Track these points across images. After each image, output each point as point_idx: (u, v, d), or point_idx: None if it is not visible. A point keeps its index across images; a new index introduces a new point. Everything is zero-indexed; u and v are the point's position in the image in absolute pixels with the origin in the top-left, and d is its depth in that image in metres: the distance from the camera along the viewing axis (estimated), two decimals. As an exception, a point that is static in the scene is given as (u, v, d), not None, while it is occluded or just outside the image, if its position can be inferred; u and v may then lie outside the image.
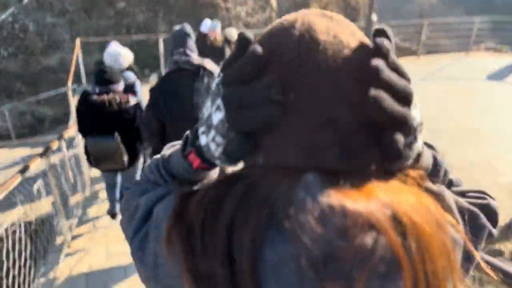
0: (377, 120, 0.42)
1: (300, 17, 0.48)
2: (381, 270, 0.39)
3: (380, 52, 0.44)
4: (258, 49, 0.44)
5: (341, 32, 0.46)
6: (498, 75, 10.14)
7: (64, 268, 3.69)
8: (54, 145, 3.92)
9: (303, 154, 0.43)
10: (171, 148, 0.65)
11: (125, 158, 3.21)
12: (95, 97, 3.09)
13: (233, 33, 7.34)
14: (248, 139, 0.45)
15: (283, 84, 0.44)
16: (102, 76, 3.15)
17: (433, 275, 0.40)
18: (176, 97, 2.69)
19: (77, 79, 10.07)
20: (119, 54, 4.02)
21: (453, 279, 0.42)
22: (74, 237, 4.18)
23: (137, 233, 0.55)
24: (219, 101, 0.47)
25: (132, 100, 3.22)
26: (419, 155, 0.52)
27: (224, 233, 0.42)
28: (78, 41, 8.27)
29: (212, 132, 0.48)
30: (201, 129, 0.52)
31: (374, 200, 0.41)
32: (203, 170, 0.58)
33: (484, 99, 8.71)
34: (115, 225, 4.27)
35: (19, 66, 10.51)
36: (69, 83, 6.38)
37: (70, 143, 5.21)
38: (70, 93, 6.42)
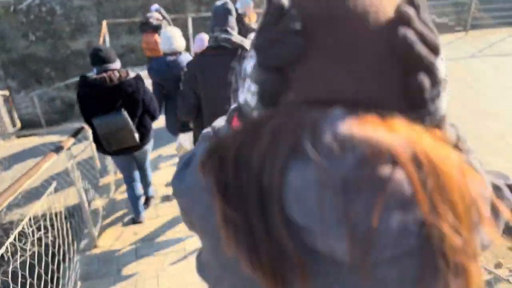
0: (406, 60, 0.46)
1: None
2: (397, 201, 0.40)
3: (413, 3, 0.47)
4: (283, 1, 0.49)
5: None
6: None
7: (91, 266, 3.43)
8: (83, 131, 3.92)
9: (330, 87, 0.47)
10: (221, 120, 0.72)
11: (136, 134, 3.19)
12: (93, 77, 3.06)
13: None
14: (278, 75, 0.49)
15: (309, 17, 0.47)
16: (98, 55, 3.11)
17: (452, 208, 0.41)
18: (212, 74, 2.72)
19: (105, 63, 9.92)
20: (173, 37, 3.87)
21: (482, 226, 0.43)
22: (100, 234, 3.92)
23: (180, 172, 0.62)
24: (252, 52, 0.53)
25: (132, 73, 3.20)
26: (441, 121, 0.51)
27: (257, 163, 0.45)
28: (104, 23, 7.97)
29: (247, 82, 0.53)
30: (240, 89, 0.57)
31: (396, 134, 0.43)
32: None
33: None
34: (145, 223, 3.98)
35: (48, 51, 10.37)
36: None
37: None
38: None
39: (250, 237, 0.44)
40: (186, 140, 3.51)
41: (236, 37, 2.73)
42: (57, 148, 3.13)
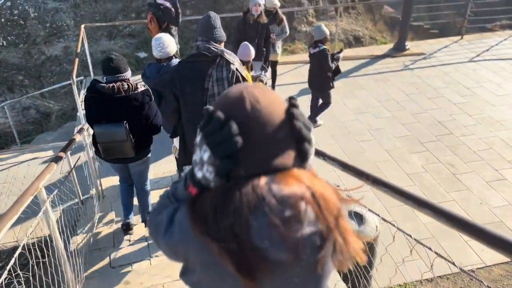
0: (298, 138, 0.87)
1: (243, 89, 0.89)
2: (310, 223, 0.83)
3: (294, 106, 0.89)
4: (220, 114, 0.85)
5: (269, 96, 0.88)
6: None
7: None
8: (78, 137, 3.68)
9: (262, 163, 0.85)
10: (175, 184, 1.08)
11: (133, 147, 3.25)
12: (102, 85, 3.13)
13: (273, 0, 6.67)
14: (228, 160, 0.83)
15: (240, 123, 0.84)
16: (110, 65, 3.16)
17: (334, 220, 0.84)
18: (190, 80, 2.97)
19: (85, 69, 9.27)
20: (164, 43, 3.89)
21: (343, 221, 0.86)
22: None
23: (166, 232, 0.95)
24: (204, 147, 0.86)
25: (141, 87, 3.27)
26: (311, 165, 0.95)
27: (230, 216, 0.81)
28: (82, 28, 7.38)
29: (205, 166, 0.87)
30: (196, 168, 0.90)
31: (302, 184, 0.84)
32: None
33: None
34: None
35: (21, 57, 9.69)
36: (74, 74, 5.53)
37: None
38: (74, 86, 5.57)
39: (234, 256, 0.81)
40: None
41: (216, 47, 2.95)
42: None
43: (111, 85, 3.11)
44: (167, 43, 3.88)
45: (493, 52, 9.29)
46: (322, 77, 6.09)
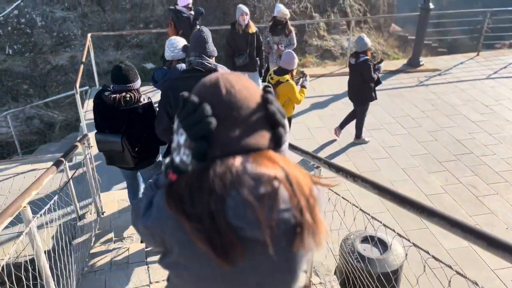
0: (272, 121, 0.89)
1: (219, 75, 0.92)
2: (283, 201, 0.83)
3: (269, 92, 0.92)
4: (194, 98, 0.88)
5: (244, 82, 0.92)
6: None
7: None
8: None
9: (236, 143, 0.86)
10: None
11: (132, 157, 3.25)
12: (108, 94, 3.14)
13: (284, 11, 6.51)
14: (203, 141, 0.85)
15: (214, 105, 0.87)
16: (118, 74, 3.17)
17: (306, 201, 0.86)
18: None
19: (90, 79, 9.10)
20: (174, 44, 3.91)
21: (315, 205, 0.88)
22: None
23: (144, 215, 0.98)
24: (180, 130, 0.89)
25: (145, 99, 3.30)
26: (285, 152, 0.96)
27: (205, 195, 0.83)
28: (89, 37, 7.22)
29: (182, 149, 0.89)
30: (175, 154, 0.92)
31: (276, 165, 0.85)
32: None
33: None
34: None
35: (26, 66, 9.56)
36: (77, 84, 5.33)
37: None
38: (78, 96, 5.36)
39: (208, 236, 0.83)
40: None
41: (209, 62, 2.94)
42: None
43: (112, 96, 3.13)
44: (180, 45, 3.92)
45: (510, 69, 9.01)
46: (364, 89, 5.89)
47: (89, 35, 7.40)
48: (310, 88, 8.07)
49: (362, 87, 5.87)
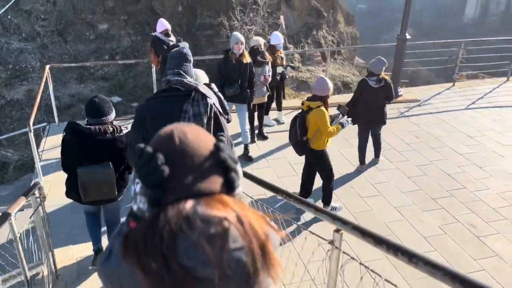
0: (224, 167, 0.93)
1: (174, 126, 0.97)
2: (234, 239, 0.85)
3: (222, 140, 0.97)
4: (149, 149, 0.92)
5: (197, 132, 0.97)
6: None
7: None
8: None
9: (190, 189, 0.89)
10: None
11: (115, 188, 3.24)
12: (87, 127, 3.16)
13: (260, 41, 6.44)
14: (157, 189, 0.88)
15: (167, 155, 0.90)
16: (93, 107, 3.17)
17: (257, 240, 0.87)
18: (163, 117, 2.60)
19: (49, 115, 8.42)
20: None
21: (268, 244, 0.89)
22: None
23: (104, 263, 0.98)
24: (137, 180, 0.91)
25: (124, 129, 3.31)
26: (240, 195, 0.99)
27: (158, 240, 0.83)
28: (47, 68, 6.62)
29: (138, 197, 0.92)
30: (133, 202, 0.95)
31: (227, 208, 0.88)
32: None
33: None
34: None
35: (-23, 101, 8.77)
36: (31, 120, 4.73)
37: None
38: (31, 134, 4.73)
39: (160, 277, 0.83)
40: None
41: (189, 80, 2.82)
42: None
43: (97, 127, 3.14)
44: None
45: (488, 99, 8.99)
46: (384, 109, 5.99)
47: (47, 66, 6.81)
48: (288, 121, 7.73)
49: (383, 108, 5.96)
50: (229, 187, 0.93)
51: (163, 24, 6.90)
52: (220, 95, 4.11)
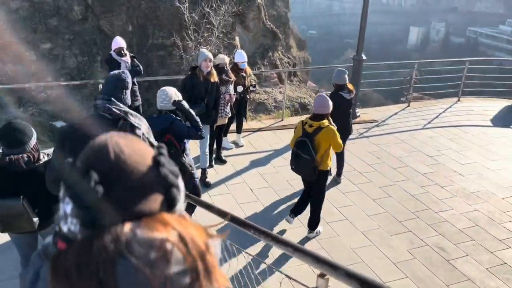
0: (165, 184, 0.86)
1: (108, 138, 0.88)
2: (176, 261, 0.78)
3: (162, 154, 0.90)
4: (81, 165, 0.84)
5: (134, 144, 0.88)
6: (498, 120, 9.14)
7: None
8: None
9: (125, 209, 0.81)
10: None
11: (34, 219, 3.02)
12: None
13: (225, 59, 6.21)
14: (91, 210, 0.80)
15: (102, 173, 0.82)
16: (10, 138, 2.92)
17: (203, 261, 0.82)
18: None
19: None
20: (168, 94, 4.18)
21: (210, 257, 0.84)
22: None
23: (32, 285, 0.92)
24: (67, 199, 0.84)
25: (43, 157, 3.09)
26: (181, 211, 0.92)
27: (94, 266, 0.76)
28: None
29: (69, 218, 0.84)
30: (61, 222, 0.86)
31: (168, 227, 0.82)
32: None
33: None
34: None
35: None
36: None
37: None
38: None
39: None
40: None
41: (120, 108, 2.73)
42: None
43: (7, 158, 2.89)
44: (170, 95, 4.15)
45: (442, 119, 9.16)
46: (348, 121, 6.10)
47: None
48: (247, 144, 7.45)
49: (348, 119, 6.09)
50: (169, 204, 0.89)
51: (117, 42, 6.66)
52: (192, 111, 4.22)
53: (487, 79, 11.27)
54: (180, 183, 0.91)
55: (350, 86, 5.97)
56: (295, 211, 5.00)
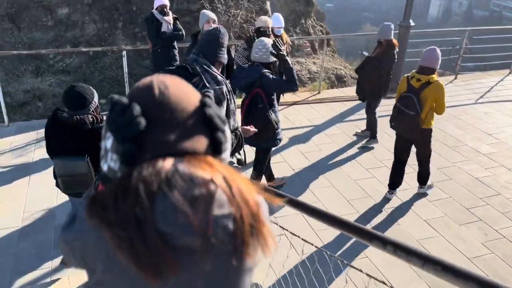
0: (210, 126, 0.84)
1: (154, 77, 0.86)
2: (221, 204, 0.76)
3: (208, 96, 0.88)
4: (123, 99, 0.81)
5: (180, 85, 0.87)
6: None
7: None
8: None
9: (169, 146, 0.79)
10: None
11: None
12: (65, 116, 3.01)
13: (268, 22, 5.56)
14: (131, 143, 0.78)
15: (145, 106, 0.80)
16: (72, 100, 2.99)
17: (248, 207, 0.79)
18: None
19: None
20: (265, 45, 4.03)
21: (259, 213, 0.81)
22: None
23: (66, 229, 0.93)
24: (108, 134, 0.82)
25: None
26: (226, 160, 0.90)
27: (131, 200, 0.73)
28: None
29: (109, 154, 0.81)
30: (102, 162, 0.84)
31: (214, 169, 0.79)
32: None
33: None
34: None
35: None
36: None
37: None
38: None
39: (132, 245, 0.72)
40: None
41: (204, 65, 2.84)
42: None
43: (75, 117, 2.96)
44: (268, 46, 3.96)
45: (496, 93, 8.35)
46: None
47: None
48: (283, 119, 6.81)
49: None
50: (215, 149, 0.85)
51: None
52: (290, 62, 3.96)
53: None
54: (227, 130, 0.88)
55: (395, 42, 5.76)
56: (393, 184, 4.74)
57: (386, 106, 6.17)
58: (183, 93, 0.84)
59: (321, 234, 4.04)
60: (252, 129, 3.31)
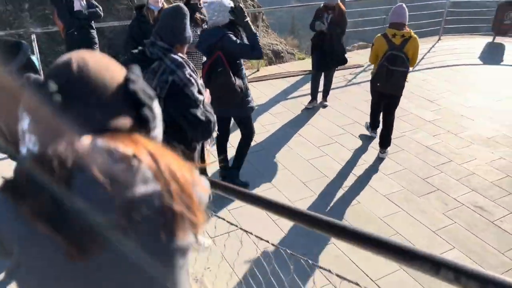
0: (135, 102, 0.80)
1: (74, 53, 0.81)
2: (142, 179, 0.73)
3: (134, 73, 0.84)
4: (38, 77, 0.78)
5: (102, 60, 0.82)
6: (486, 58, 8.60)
7: None
8: None
9: (87, 123, 0.75)
10: None
11: None
12: None
13: None
14: (46, 123, 0.75)
15: (60, 83, 0.76)
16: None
17: (177, 184, 0.76)
18: None
19: None
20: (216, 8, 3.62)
21: (191, 190, 0.79)
22: None
23: None
24: (23, 114, 0.77)
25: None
26: (158, 138, 0.87)
27: (47, 177, 0.69)
28: None
29: (27, 136, 0.77)
30: (20, 145, 0.79)
31: (139, 145, 0.76)
32: None
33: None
34: None
35: None
36: None
37: None
38: None
39: (52, 223, 0.69)
40: None
41: (162, 48, 2.67)
42: None
43: None
44: (225, 4, 3.58)
45: (430, 60, 8.48)
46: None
47: None
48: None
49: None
50: (142, 124, 0.81)
51: None
52: (251, 24, 3.60)
53: (464, 15, 10.69)
54: (156, 106, 0.85)
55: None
56: (373, 125, 5.24)
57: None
58: (104, 69, 0.81)
59: (281, 224, 3.70)
60: (206, 94, 2.91)
